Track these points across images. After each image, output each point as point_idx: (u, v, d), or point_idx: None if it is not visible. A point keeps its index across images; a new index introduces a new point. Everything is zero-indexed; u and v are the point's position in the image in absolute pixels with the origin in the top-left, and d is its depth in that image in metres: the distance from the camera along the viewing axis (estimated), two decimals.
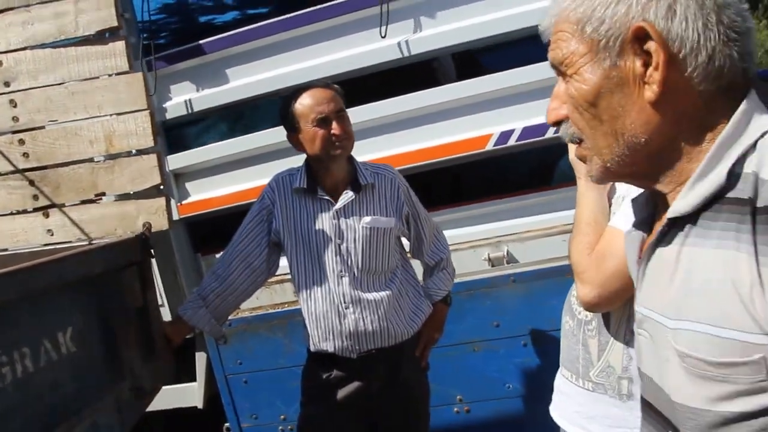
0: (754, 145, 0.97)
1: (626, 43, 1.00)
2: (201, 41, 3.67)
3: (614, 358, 1.86)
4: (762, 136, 0.97)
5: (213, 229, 3.88)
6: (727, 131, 0.98)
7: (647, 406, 1.15)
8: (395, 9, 3.48)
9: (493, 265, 3.59)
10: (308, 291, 2.75)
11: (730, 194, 0.96)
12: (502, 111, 3.51)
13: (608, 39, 1.01)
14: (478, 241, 3.61)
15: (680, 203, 1.01)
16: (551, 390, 3.46)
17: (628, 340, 1.81)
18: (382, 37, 3.48)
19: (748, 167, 0.95)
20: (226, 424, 3.95)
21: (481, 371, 3.58)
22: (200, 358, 3.99)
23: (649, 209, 1.18)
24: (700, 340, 0.96)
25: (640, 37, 0.98)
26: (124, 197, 2.76)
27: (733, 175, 0.96)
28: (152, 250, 2.63)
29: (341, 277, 2.71)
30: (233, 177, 3.83)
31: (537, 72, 3.43)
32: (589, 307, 1.82)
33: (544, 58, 3.24)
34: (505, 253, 3.59)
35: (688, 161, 1.03)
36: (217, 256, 3.77)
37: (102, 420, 2.28)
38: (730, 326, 0.92)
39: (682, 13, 0.97)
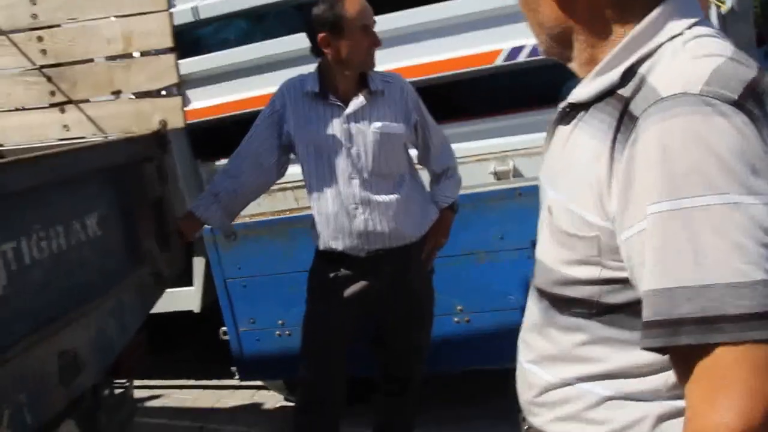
0: (657, 48, 1.09)
1: None
2: None
3: None
4: (670, 39, 1.09)
5: (213, 137, 4.04)
6: (634, 32, 1.11)
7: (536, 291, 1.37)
8: None
9: (499, 179, 3.76)
10: (319, 192, 2.99)
11: (619, 91, 1.10)
12: (513, 27, 3.59)
13: None
14: (485, 155, 3.78)
15: (580, 91, 1.19)
16: None
17: None
18: None
19: (643, 69, 1.08)
20: (223, 328, 4.17)
21: (483, 282, 3.77)
22: (198, 263, 4.21)
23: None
24: (562, 210, 1.16)
25: None
26: (140, 95, 2.97)
27: (629, 74, 1.10)
28: (168, 146, 2.86)
29: (351, 179, 2.94)
30: (235, 85, 3.97)
31: None
32: None
33: None
34: (512, 168, 3.76)
35: (601, 53, 1.16)
36: (217, 163, 3.98)
37: (126, 299, 2.55)
38: (581, 205, 1.11)
39: None
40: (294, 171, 3.19)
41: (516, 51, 3.65)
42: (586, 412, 1.20)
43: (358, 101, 2.95)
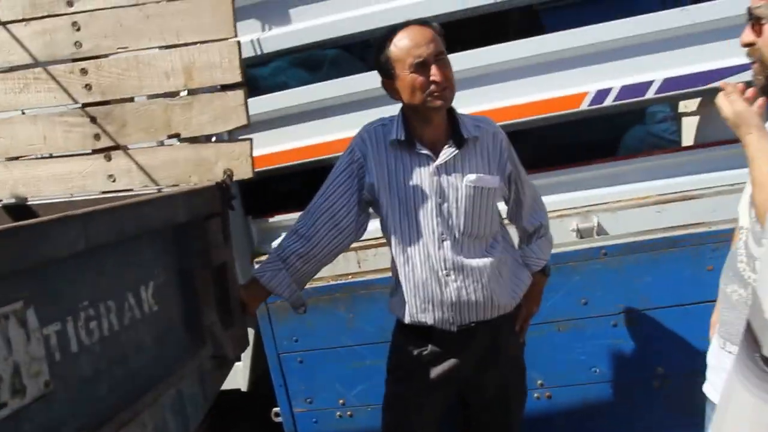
0: None
1: None
2: None
3: None
4: None
5: (266, 190, 3.65)
6: None
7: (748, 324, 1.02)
8: None
9: (581, 237, 3.36)
10: (406, 255, 2.52)
11: None
12: (600, 66, 3.29)
13: None
14: (566, 210, 3.39)
15: None
16: (644, 374, 3.28)
17: None
18: None
19: None
20: (276, 409, 3.69)
21: (566, 353, 3.36)
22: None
23: None
24: None
25: None
26: (201, 140, 2.48)
27: None
28: (233, 202, 2.36)
29: (442, 240, 2.48)
30: (292, 132, 3.56)
31: (637, 26, 3.26)
32: None
33: (643, 11, 3.00)
34: (595, 224, 3.36)
35: None
36: (271, 220, 3.54)
37: (186, 390, 2.03)
38: None
39: None
40: None
41: (603, 93, 3.28)
42: None
43: (449, 151, 2.47)
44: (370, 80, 2.99)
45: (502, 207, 2.70)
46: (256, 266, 2.71)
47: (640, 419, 3.34)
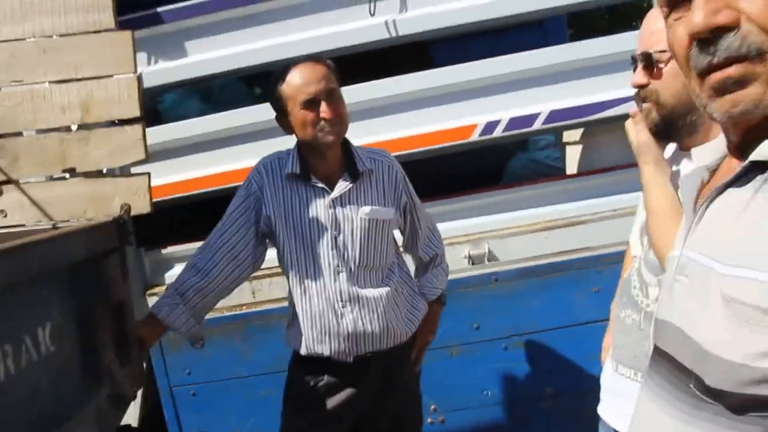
0: None
1: None
2: (159, 9, 3.39)
3: None
4: None
5: (157, 221, 3.56)
6: None
7: (663, 357, 1.10)
8: None
9: (473, 263, 3.47)
10: (303, 287, 2.54)
11: None
12: (489, 100, 3.43)
13: None
14: (458, 238, 3.49)
15: (764, 149, 0.96)
16: (535, 395, 3.41)
17: None
18: (371, 15, 3.35)
19: None
20: None
21: (458, 378, 3.45)
22: None
23: (715, 159, 1.15)
24: (754, 287, 0.90)
25: None
26: (98, 174, 2.45)
27: None
28: (131, 237, 2.34)
29: (338, 272, 2.52)
30: (184, 163, 3.54)
31: (525, 60, 3.42)
32: None
33: (532, 47, 3.17)
34: (486, 251, 3.48)
35: None
36: (163, 251, 3.50)
37: None
38: None
39: None
40: None
41: (492, 125, 3.41)
42: None
43: (344, 184, 2.52)
44: (264, 112, 3.03)
45: (398, 236, 2.77)
46: (149, 299, 2.68)
47: None
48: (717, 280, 0.97)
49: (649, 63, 1.85)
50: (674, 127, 1.85)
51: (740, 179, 1.01)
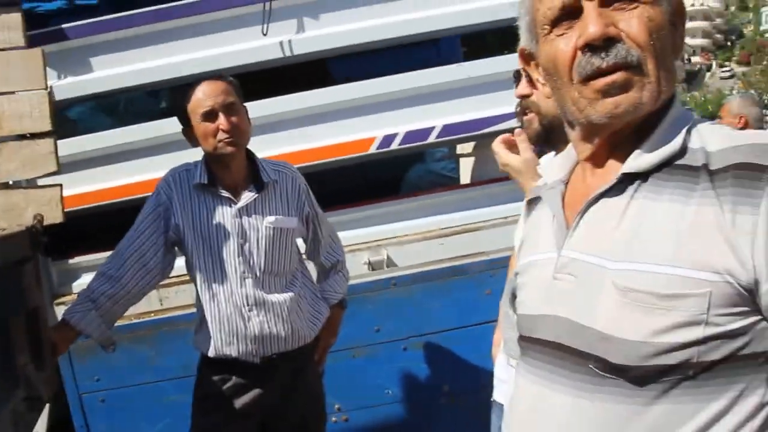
0: (691, 128, 1.18)
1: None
2: (64, 26, 3.48)
3: None
4: (693, 124, 1.19)
5: (64, 232, 3.62)
6: (674, 114, 1.20)
7: (553, 347, 1.24)
8: (278, 8, 3.54)
9: (373, 269, 3.66)
10: (211, 293, 2.68)
11: (680, 162, 1.15)
12: (386, 115, 3.63)
13: None
14: (358, 245, 3.67)
15: (635, 162, 1.17)
16: (433, 393, 3.61)
17: None
18: (264, 35, 3.51)
19: (694, 144, 1.16)
20: None
21: (361, 378, 3.62)
22: None
23: (566, 172, 1.36)
24: (649, 277, 1.10)
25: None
26: (10, 186, 2.54)
27: (683, 148, 1.16)
28: (44, 246, 2.44)
29: (244, 278, 2.67)
30: (89, 175, 3.62)
31: (420, 78, 3.64)
32: None
33: (425, 66, 3.41)
34: (385, 257, 3.68)
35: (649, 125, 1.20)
36: (71, 261, 3.57)
37: None
38: (687, 264, 1.08)
39: None
40: None
41: (389, 138, 3.61)
42: None
43: (249, 194, 2.69)
44: (170, 125, 3.16)
45: (301, 244, 2.94)
46: (56, 308, 2.76)
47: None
48: (609, 274, 1.14)
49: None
50: (554, 135, 2.02)
51: (612, 189, 1.19)
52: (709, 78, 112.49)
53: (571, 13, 1.18)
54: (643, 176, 1.17)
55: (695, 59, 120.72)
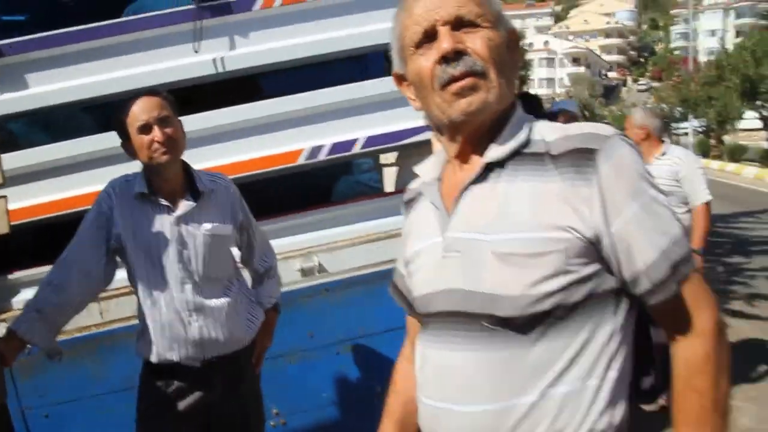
0: (531, 128, 1.52)
1: (506, 28, 1.52)
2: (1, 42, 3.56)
3: None
4: (533, 123, 1.53)
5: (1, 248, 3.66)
6: (518, 116, 1.54)
7: (447, 316, 1.50)
8: (209, 26, 3.69)
9: (305, 275, 3.80)
10: (152, 299, 2.79)
11: (526, 150, 1.48)
12: (313, 127, 3.81)
13: (500, 18, 1.51)
14: (290, 252, 3.81)
15: (493, 153, 1.49)
16: (366, 393, 3.75)
17: None
18: (196, 52, 3.65)
19: (535, 136, 1.49)
20: None
21: (297, 382, 3.74)
22: None
23: (439, 171, 1.64)
24: (519, 241, 1.40)
25: (513, 31, 1.56)
26: None
27: (527, 141, 1.49)
28: None
29: (184, 284, 2.79)
30: (24, 190, 3.67)
31: (345, 92, 3.84)
32: None
33: (351, 80, 3.62)
34: (317, 264, 3.82)
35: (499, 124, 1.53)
36: (9, 277, 3.61)
37: None
38: (545, 229, 1.39)
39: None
40: None
41: (316, 150, 3.78)
42: (570, 405, 1.41)
43: (187, 203, 2.82)
44: (107, 140, 3.29)
45: (236, 252, 3.08)
46: None
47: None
48: (487, 245, 1.42)
49: None
50: None
51: (479, 177, 1.49)
52: (626, 93, 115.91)
53: (430, 37, 1.48)
54: (500, 164, 1.48)
55: (612, 74, 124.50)
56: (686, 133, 43.50)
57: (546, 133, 1.49)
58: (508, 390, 1.41)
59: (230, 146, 3.75)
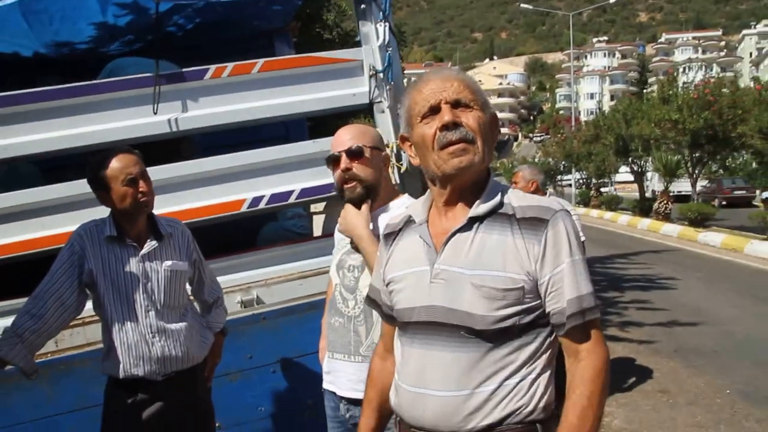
0: (503, 192, 1.92)
1: (490, 112, 1.94)
2: None
3: (377, 336, 2.58)
4: (504, 188, 1.94)
5: None
6: (491, 181, 1.94)
7: (433, 325, 1.87)
8: (166, 90, 3.94)
9: (245, 307, 4.05)
10: (120, 324, 3.02)
11: (501, 211, 1.88)
12: (256, 180, 4.09)
13: (487, 105, 1.94)
14: (232, 287, 4.05)
15: (476, 210, 1.87)
16: (298, 407, 3.99)
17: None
18: (155, 113, 3.90)
19: (506, 200, 1.90)
20: None
21: (237, 398, 3.93)
22: None
23: (425, 214, 2.02)
24: (491, 278, 1.80)
25: (494, 116, 1.97)
26: None
27: (501, 203, 1.89)
28: None
29: (148, 311, 3.04)
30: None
31: (282, 151, 4.18)
32: None
33: (282, 141, 3.98)
34: (255, 297, 4.08)
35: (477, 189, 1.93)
36: None
37: None
38: (510, 271, 1.80)
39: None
40: None
41: (257, 199, 4.06)
42: (519, 393, 1.82)
43: (151, 244, 3.09)
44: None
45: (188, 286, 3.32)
46: None
47: None
48: (467, 278, 1.83)
49: (356, 154, 2.64)
50: (371, 194, 2.71)
51: (463, 227, 1.87)
52: (516, 147, 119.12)
53: (434, 111, 1.88)
54: (481, 219, 1.87)
55: (504, 131, 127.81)
56: (570, 185, 45.12)
57: (513, 199, 1.90)
58: (477, 380, 1.81)
59: (183, 195, 3.98)
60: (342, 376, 2.74)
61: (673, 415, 5.93)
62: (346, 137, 2.75)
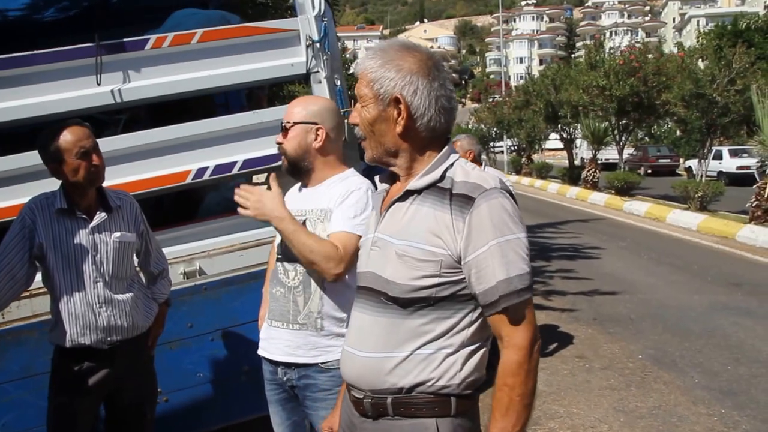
0: (450, 166, 1.97)
1: (390, 101, 1.97)
2: None
3: (314, 306, 2.81)
4: (452, 164, 1.98)
5: None
6: (439, 156, 2.00)
7: (366, 290, 2.05)
8: (108, 61, 3.99)
9: (187, 277, 4.16)
10: (68, 295, 3.14)
11: (438, 185, 1.94)
12: (200, 151, 4.18)
13: (383, 95, 1.98)
14: (175, 259, 4.14)
15: (414, 183, 1.97)
16: (235, 372, 4.13)
17: (322, 294, 2.81)
18: (98, 84, 3.96)
19: (449, 174, 1.96)
20: None
21: (177, 365, 4.07)
22: None
23: (389, 182, 2.15)
24: (412, 248, 1.91)
25: (398, 100, 1.97)
26: None
27: (442, 177, 1.95)
28: None
29: (96, 282, 3.17)
30: None
31: (224, 122, 4.26)
32: (338, 277, 2.72)
33: (231, 111, 4.12)
34: (197, 268, 4.20)
35: (417, 164, 2.03)
36: None
37: None
38: (430, 244, 1.89)
39: (419, 95, 1.97)
40: None
41: (202, 170, 4.17)
42: (431, 364, 1.93)
43: (101, 216, 3.20)
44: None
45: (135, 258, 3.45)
46: None
47: (235, 405, 4.22)
48: (393, 246, 1.95)
49: (284, 129, 2.87)
50: (297, 170, 2.91)
51: (401, 198, 1.99)
52: None
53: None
54: (418, 192, 1.97)
55: None
56: (502, 152, 45.63)
57: (457, 173, 1.96)
58: (391, 345, 1.96)
59: (130, 167, 4.04)
60: (278, 342, 2.90)
61: (589, 379, 6.38)
62: (288, 110, 2.92)
